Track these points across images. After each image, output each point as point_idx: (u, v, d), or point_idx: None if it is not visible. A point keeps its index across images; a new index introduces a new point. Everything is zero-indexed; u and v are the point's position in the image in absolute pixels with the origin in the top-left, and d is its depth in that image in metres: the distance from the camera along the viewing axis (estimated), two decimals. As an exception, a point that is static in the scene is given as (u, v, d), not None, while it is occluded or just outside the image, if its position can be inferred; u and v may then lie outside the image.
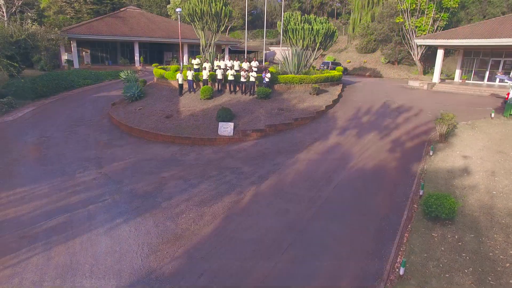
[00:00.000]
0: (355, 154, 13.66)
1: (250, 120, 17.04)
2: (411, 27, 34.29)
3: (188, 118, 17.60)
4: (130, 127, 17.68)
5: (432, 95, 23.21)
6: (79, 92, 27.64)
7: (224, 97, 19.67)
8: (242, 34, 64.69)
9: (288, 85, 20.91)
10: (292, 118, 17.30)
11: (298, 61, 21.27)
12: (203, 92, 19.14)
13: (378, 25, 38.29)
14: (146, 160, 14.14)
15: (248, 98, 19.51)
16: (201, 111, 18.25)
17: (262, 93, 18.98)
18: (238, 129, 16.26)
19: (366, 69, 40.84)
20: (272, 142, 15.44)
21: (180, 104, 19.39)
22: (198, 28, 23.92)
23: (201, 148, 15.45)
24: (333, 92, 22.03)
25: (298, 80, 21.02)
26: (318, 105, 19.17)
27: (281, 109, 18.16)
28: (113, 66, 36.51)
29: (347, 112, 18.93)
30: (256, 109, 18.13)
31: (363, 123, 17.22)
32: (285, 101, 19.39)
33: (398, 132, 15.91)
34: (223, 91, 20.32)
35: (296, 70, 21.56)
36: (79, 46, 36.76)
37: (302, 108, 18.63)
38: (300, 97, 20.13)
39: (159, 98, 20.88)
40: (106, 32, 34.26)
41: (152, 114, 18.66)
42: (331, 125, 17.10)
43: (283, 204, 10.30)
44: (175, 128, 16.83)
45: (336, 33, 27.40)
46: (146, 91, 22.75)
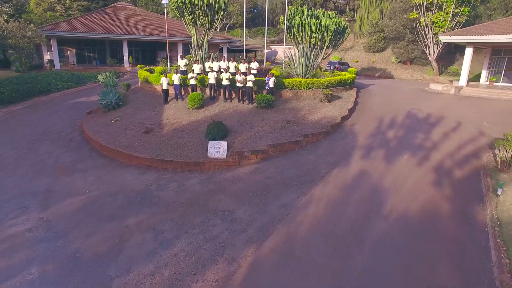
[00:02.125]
0: (389, 190, 9.91)
1: (248, 137, 13.28)
2: (427, 23, 30.42)
3: (171, 134, 13.85)
4: (101, 145, 13.97)
5: (463, 101, 19.40)
6: (56, 97, 23.90)
7: (217, 106, 15.90)
8: (242, 32, 60.78)
9: (295, 90, 17.13)
10: (301, 134, 13.54)
11: (306, 62, 17.48)
12: (192, 101, 15.37)
13: (389, 21, 34.42)
14: (111, 195, 10.43)
15: (247, 107, 15.74)
16: (188, 124, 14.50)
17: (263, 101, 15.21)
18: (233, 150, 12.53)
19: (376, 70, 36.98)
20: (277, 168, 11.70)
21: (163, 114, 15.64)
22: (188, 23, 20.11)
23: (185, 175, 11.72)
24: (347, 98, 18.24)
25: (307, 84, 17.24)
26: (332, 116, 15.40)
27: (287, 122, 14.39)
28: (100, 67, 32.73)
29: (368, 125, 15.15)
30: (257, 122, 14.37)
31: (390, 141, 13.45)
32: (291, 111, 15.61)
33: (438, 154, 12.15)
34: (216, 98, 16.56)
35: (304, 72, 17.77)
36: (62, 44, 32.99)
37: (312, 120, 14.86)
38: (310, 106, 16.35)
39: (140, 107, 17.12)
40: (91, 29, 30.43)
41: (129, 128, 14.91)
42: (350, 144, 13.33)
43: (296, 284, 6.59)
44: (155, 147, 13.09)
45: (347, 29, 23.59)
46: (127, 98, 19.00)
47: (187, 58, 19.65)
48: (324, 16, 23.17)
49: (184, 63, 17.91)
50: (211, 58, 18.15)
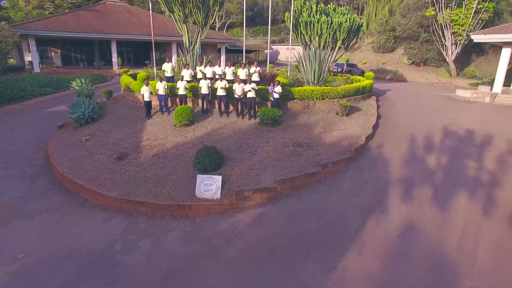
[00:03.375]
0: (457, 263, 6.63)
1: (249, 167, 10.00)
2: (446, 21, 27.10)
3: (150, 162, 10.56)
4: (62, 174, 10.71)
5: (505, 112, 16.10)
6: (30, 105, 20.57)
7: (211, 123, 12.60)
8: (241, 31, 57.37)
9: (306, 101, 13.83)
10: (317, 162, 10.26)
11: (319, 67, 14.17)
12: (179, 116, 12.06)
13: (402, 19, 31.05)
14: (54, 262, 7.17)
15: (247, 124, 12.45)
16: (173, 147, 11.20)
17: (268, 116, 11.91)
18: (229, 187, 9.27)
19: (386, 71, 33.66)
20: (289, 216, 8.43)
21: (144, 133, 12.34)
22: (178, 20, 16.78)
23: (164, 224, 8.47)
24: (367, 109, 14.96)
25: (320, 94, 13.94)
26: (354, 135, 12.12)
27: (298, 145, 11.10)
28: (87, 70, 29.39)
29: (399, 147, 11.87)
30: (260, 145, 11.08)
31: (434, 172, 10.17)
32: (303, 128, 12.32)
33: (506, 193, 8.90)
34: (209, 112, 13.25)
35: (317, 79, 14.47)
36: (45, 45, 29.64)
37: (330, 141, 11.58)
38: (325, 121, 13.06)
39: (118, 122, 13.81)
40: (75, 28, 27.05)
41: (100, 151, 11.62)
42: (383, 176, 10.06)
43: None
44: (128, 180, 9.81)
45: (362, 27, 20.22)
46: (105, 109, 15.70)
47: (178, 60, 16.34)
48: (336, 13, 19.82)
49: (171, 68, 14.59)
50: (204, 62, 14.85)
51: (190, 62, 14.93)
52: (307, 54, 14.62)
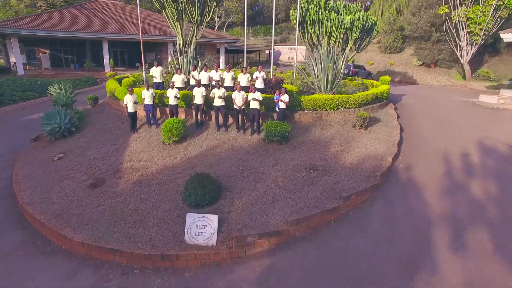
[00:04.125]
0: None
1: (253, 200, 7.89)
2: (461, 19, 24.95)
3: (131, 191, 8.45)
4: (22, 206, 8.61)
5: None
6: (8, 111, 18.48)
7: (206, 139, 10.47)
8: (241, 31, 55.19)
9: (318, 112, 11.71)
10: (337, 192, 8.15)
11: (334, 71, 12.04)
12: (168, 131, 9.93)
13: (412, 18, 28.89)
14: None
15: (250, 140, 10.33)
16: (160, 172, 9.09)
17: (275, 132, 9.78)
18: (228, 229, 7.16)
19: (394, 73, 31.51)
20: (306, 275, 6.31)
21: (126, 151, 10.22)
22: (171, 17, 14.64)
23: (143, 282, 6.38)
24: (387, 120, 12.86)
25: (334, 103, 11.82)
26: (377, 154, 10.01)
27: (312, 168, 9.00)
28: (76, 72, 27.25)
29: (432, 169, 9.76)
30: (266, 170, 8.96)
31: (482, 204, 8.07)
32: (316, 146, 10.20)
33: None
34: (205, 125, 11.12)
35: (330, 86, 12.34)
36: (33, 45, 27.49)
37: (350, 163, 9.47)
38: (341, 136, 10.95)
39: (99, 136, 11.70)
40: (62, 27, 24.87)
41: (73, 174, 9.51)
42: (419, 210, 7.96)
43: None
44: (101, 217, 7.70)
45: (377, 26, 18.10)
46: (87, 118, 13.62)
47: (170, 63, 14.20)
48: (346, 10, 17.68)
49: (161, 73, 12.44)
50: (199, 66, 12.74)
51: (183, 65, 12.78)
52: (318, 56, 12.48)
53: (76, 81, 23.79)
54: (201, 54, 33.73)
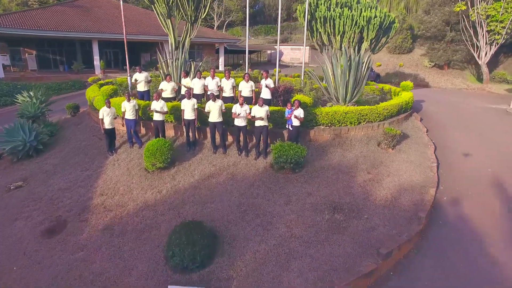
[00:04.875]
0: None
1: (262, 259, 5.72)
2: (481, 17, 22.76)
3: (98, 242, 6.28)
4: (-41, 256, 6.44)
5: None
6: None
7: (199, 164, 8.28)
8: (242, 30, 52.97)
9: (337, 128, 9.51)
10: (372, 243, 5.99)
11: (356, 78, 9.84)
12: (151, 156, 7.74)
13: (425, 16, 26.68)
14: None
15: (254, 167, 8.13)
16: (138, 212, 6.91)
17: (287, 158, 7.54)
18: (226, 308, 5.03)
19: (405, 75, 29.29)
20: None
21: (99, 181, 8.05)
22: (161, 13, 12.46)
23: None
24: (415, 135, 10.69)
25: (356, 117, 9.63)
26: (414, 184, 7.85)
27: (337, 207, 6.83)
28: (64, 74, 25.02)
29: (486, 205, 7.58)
30: (276, 210, 6.79)
31: None
32: (339, 174, 8.01)
33: None
34: (198, 145, 8.91)
35: (350, 96, 10.15)
36: (18, 45, 25.24)
37: (383, 197, 7.31)
38: (366, 159, 8.77)
39: (70, 157, 9.51)
40: (49, 25, 22.62)
41: (27, 212, 7.33)
42: (485, 270, 5.82)
43: None
44: (51, 285, 5.55)
45: (395, 24, 15.94)
46: (62, 132, 11.46)
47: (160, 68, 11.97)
48: (362, 6, 15.49)
49: (145, 80, 10.23)
50: (192, 71, 10.54)
51: (174, 70, 10.57)
52: (335, 59, 10.30)
53: (62, 85, 21.61)
54: (199, 55, 31.55)
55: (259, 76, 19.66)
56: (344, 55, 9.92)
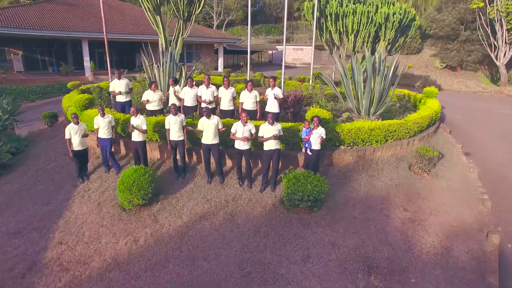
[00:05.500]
0: None
1: None
2: (501, 14, 20.89)
3: (43, 323, 4.50)
4: None
5: None
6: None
7: (190, 200, 6.41)
8: (242, 30, 51.05)
9: (360, 148, 7.64)
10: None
11: (381, 85, 7.99)
12: (125, 191, 5.88)
13: (437, 15, 24.79)
14: None
15: (260, 203, 6.26)
16: (103, 274, 5.06)
17: (303, 193, 5.70)
18: None
19: (414, 77, 27.41)
20: None
21: (60, 221, 6.19)
22: (147, 8, 10.59)
23: None
24: (449, 154, 8.83)
25: (383, 134, 7.77)
26: (465, 225, 6.02)
27: (371, 266, 5.01)
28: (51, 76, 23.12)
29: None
30: (291, 272, 4.95)
31: None
32: (369, 212, 6.16)
33: None
34: (189, 171, 7.05)
35: (375, 108, 8.29)
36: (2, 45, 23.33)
37: (430, 247, 5.48)
38: (399, 189, 6.92)
39: (32, 183, 7.63)
40: (32, 24, 20.75)
41: (-35, 265, 5.52)
42: None
43: None
44: None
45: (415, 22, 14.08)
46: (31, 149, 9.61)
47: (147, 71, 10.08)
48: (376, 0, 13.62)
49: (126, 87, 8.33)
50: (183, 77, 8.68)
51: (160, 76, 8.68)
52: (355, 63, 8.45)
53: (47, 88, 19.81)
54: (197, 56, 29.68)
55: (261, 79, 17.79)
56: (369, 60, 8.06)
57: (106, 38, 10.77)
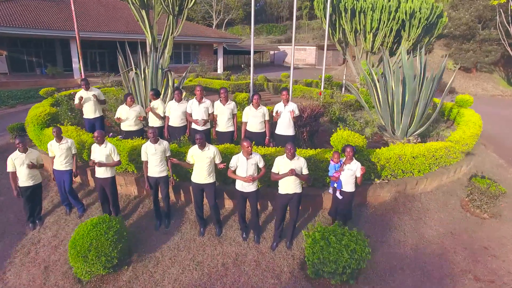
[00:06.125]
0: None
1: None
2: (524, 12, 19.04)
3: None
4: None
5: None
6: None
7: (174, 263, 4.52)
8: (242, 29, 49.18)
9: (399, 182, 5.80)
10: None
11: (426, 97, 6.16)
12: (77, 257, 4.06)
13: (452, 12, 22.90)
14: None
15: (271, 268, 4.40)
16: None
17: (336, 266, 3.92)
18: None
19: (426, 79, 25.57)
20: None
21: (-10, 296, 4.42)
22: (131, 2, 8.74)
23: None
24: (506, 181, 7.03)
25: (427, 162, 5.94)
26: None
27: None
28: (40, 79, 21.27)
29: None
30: None
31: None
32: (425, 283, 4.38)
33: None
34: (173, 217, 5.21)
35: (415, 126, 6.46)
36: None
37: None
38: (457, 240, 5.10)
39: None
40: (13, 22, 18.88)
41: None
42: None
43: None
44: None
45: (444, 18, 12.21)
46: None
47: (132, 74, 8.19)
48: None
49: (95, 101, 6.44)
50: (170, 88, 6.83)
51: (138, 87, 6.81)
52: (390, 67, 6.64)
53: (30, 92, 17.90)
54: (195, 56, 27.80)
55: (264, 83, 15.91)
56: (405, 63, 6.21)
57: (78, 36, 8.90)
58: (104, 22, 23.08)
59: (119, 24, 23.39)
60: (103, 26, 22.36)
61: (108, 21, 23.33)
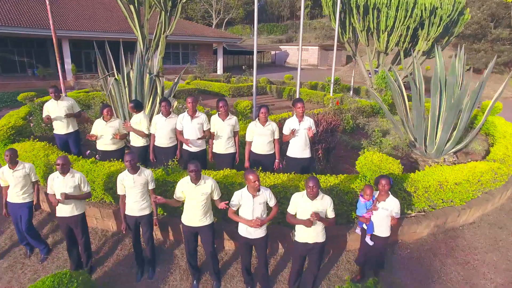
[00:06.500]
0: None
1: None
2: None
3: None
4: None
5: None
6: None
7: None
8: (243, 29, 48.04)
9: (439, 214, 4.74)
10: None
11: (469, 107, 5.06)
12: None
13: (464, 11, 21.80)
14: None
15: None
16: None
17: None
18: None
19: (434, 80, 24.46)
20: None
21: None
22: (117, -4, 7.64)
23: None
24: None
25: (471, 188, 4.86)
26: None
27: None
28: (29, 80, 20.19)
29: None
30: None
31: None
32: None
33: None
34: (157, 264, 4.15)
35: (452, 143, 5.38)
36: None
37: None
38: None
39: None
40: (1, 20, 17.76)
41: None
42: None
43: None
44: None
45: (466, 15, 11.12)
46: None
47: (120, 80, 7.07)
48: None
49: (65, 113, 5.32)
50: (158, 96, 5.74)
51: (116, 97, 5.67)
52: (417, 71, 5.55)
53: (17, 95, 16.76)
54: (194, 57, 26.68)
55: (267, 86, 14.80)
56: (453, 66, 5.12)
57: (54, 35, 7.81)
58: (100, 22, 21.96)
59: (115, 24, 22.27)
60: (95, 25, 21.25)
61: (102, 20, 22.20)
